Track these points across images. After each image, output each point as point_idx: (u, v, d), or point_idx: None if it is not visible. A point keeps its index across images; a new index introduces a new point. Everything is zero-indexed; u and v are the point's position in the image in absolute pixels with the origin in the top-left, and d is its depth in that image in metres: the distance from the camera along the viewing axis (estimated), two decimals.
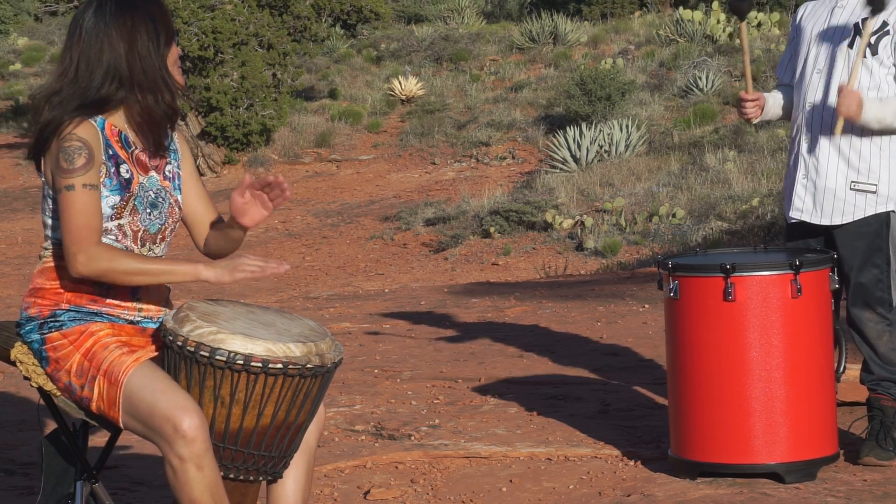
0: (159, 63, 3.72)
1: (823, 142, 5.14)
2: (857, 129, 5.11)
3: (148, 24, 3.72)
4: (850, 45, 5.11)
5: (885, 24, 5.08)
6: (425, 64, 28.15)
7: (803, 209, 5.20)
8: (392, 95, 25.96)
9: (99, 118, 3.71)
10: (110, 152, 3.70)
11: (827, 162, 5.14)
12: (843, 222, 5.14)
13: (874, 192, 5.10)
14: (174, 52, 3.78)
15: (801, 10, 5.38)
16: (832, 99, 5.12)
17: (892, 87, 5.11)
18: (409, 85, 25.93)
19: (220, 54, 22.91)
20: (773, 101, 5.36)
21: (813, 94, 5.18)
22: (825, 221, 5.16)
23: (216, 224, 3.90)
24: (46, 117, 3.67)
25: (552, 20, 28.63)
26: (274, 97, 23.56)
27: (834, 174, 5.13)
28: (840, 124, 5.04)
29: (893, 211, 5.14)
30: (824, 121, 5.14)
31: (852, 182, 5.12)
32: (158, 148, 3.77)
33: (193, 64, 23.18)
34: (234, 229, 3.82)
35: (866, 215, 5.11)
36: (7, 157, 25.28)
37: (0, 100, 29.27)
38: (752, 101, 5.26)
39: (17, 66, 31.49)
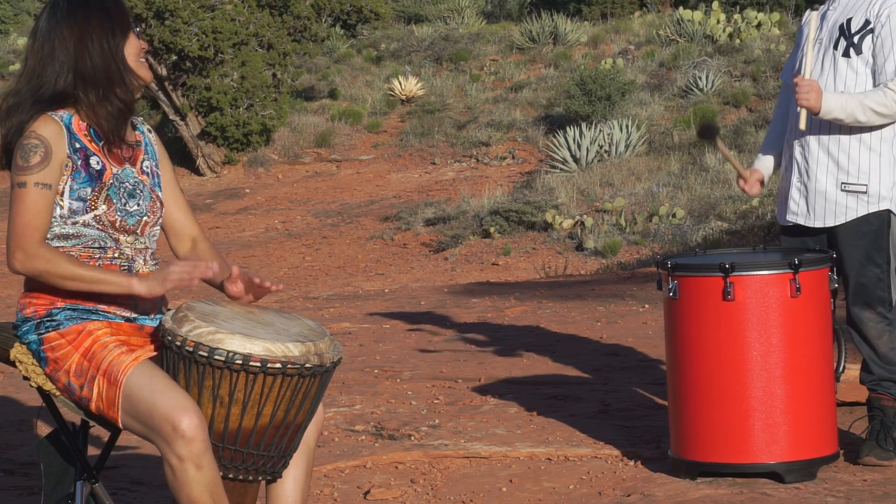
0: (113, 56, 3.72)
1: (813, 145, 5.16)
2: (846, 130, 5.12)
3: (101, 16, 3.73)
4: (836, 47, 5.12)
5: (867, 22, 5.09)
6: (425, 64, 28.15)
7: (798, 212, 5.23)
8: (392, 95, 25.97)
9: (65, 114, 3.72)
10: (77, 146, 3.70)
11: (816, 164, 5.16)
12: (836, 224, 5.15)
13: (864, 192, 5.11)
14: (133, 44, 3.78)
15: (805, 15, 5.39)
16: None
17: (874, 85, 5.11)
18: (409, 85, 25.93)
19: (220, 54, 22.91)
20: (768, 161, 5.45)
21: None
22: (818, 224, 5.18)
23: (215, 262, 3.89)
24: (7, 125, 3.69)
25: (552, 20, 28.64)
26: (274, 97, 23.56)
27: (824, 176, 5.14)
28: (803, 117, 5.07)
29: (892, 211, 5.14)
30: (813, 124, 5.15)
31: (842, 183, 5.13)
32: (114, 139, 3.75)
33: (193, 64, 23.18)
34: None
35: (858, 216, 5.12)
36: None
37: (0, 100, 29.24)
38: (747, 179, 5.39)
39: (17, 66, 31.48)
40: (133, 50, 3.77)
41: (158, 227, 3.85)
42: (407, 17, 34.85)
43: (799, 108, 5.08)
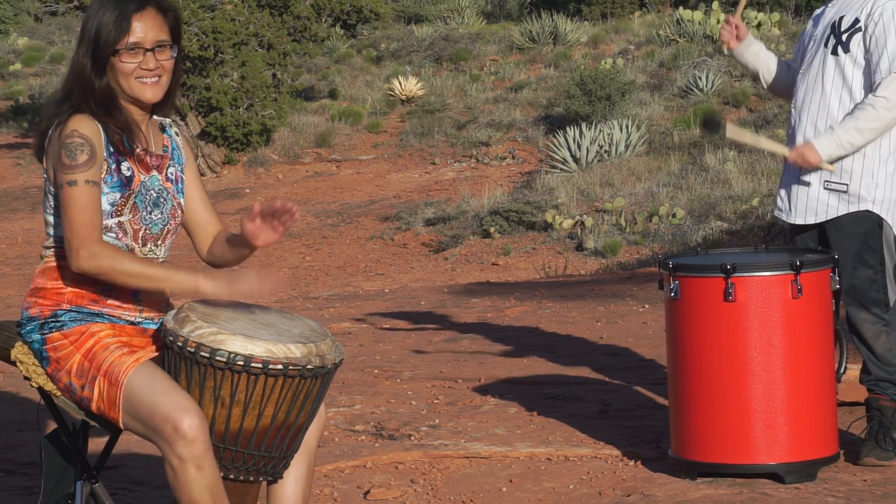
0: (98, 84, 3.69)
1: (801, 141, 5.19)
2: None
3: (93, 41, 3.70)
4: (826, 45, 5.15)
5: (856, 21, 5.11)
6: (425, 64, 28.15)
7: (783, 208, 5.30)
8: (392, 95, 25.96)
9: None
10: (111, 149, 3.70)
11: None
12: (817, 221, 5.18)
13: (845, 192, 5.12)
14: (127, 64, 3.70)
15: (818, 10, 5.42)
16: (807, 103, 5.18)
17: (862, 84, 5.11)
18: (409, 85, 25.93)
19: (220, 54, 22.91)
20: (760, 50, 5.43)
21: (795, 96, 5.25)
22: (799, 220, 5.23)
23: (225, 237, 3.90)
24: (46, 115, 3.70)
25: (552, 20, 28.64)
26: (274, 97, 23.56)
27: (808, 173, 5.17)
28: (826, 167, 5.12)
29: (873, 212, 5.14)
30: (801, 122, 5.19)
31: (825, 181, 5.16)
32: (124, 151, 3.74)
33: (193, 64, 23.18)
34: (244, 246, 3.83)
35: (839, 214, 5.14)
36: (7, 157, 25.29)
37: (0, 100, 29.28)
38: (733, 26, 5.32)
39: (17, 66, 31.48)
40: (126, 70, 3.72)
41: (176, 235, 3.86)
42: (407, 17, 34.85)
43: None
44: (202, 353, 3.52)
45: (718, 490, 4.87)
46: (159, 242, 3.79)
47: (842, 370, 5.17)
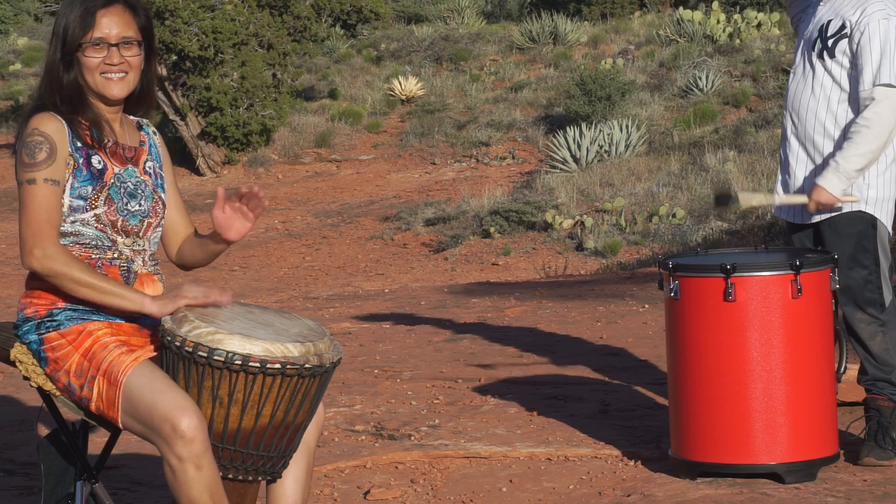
0: (65, 81, 3.70)
1: (794, 144, 5.25)
2: (822, 132, 5.15)
3: (59, 39, 3.71)
4: (813, 48, 5.18)
5: (843, 27, 5.11)
6: (425, 64, 28.14)
7: (781, 207, 5.29)
8: (392, 95, 25.96)
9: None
10: (78, 144, 3.70)
11: (797, 162, 5.22)
12: (811, 222, 5.22)
13: None
14: (91, 60, 3.71)
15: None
16: (797, 104, 5.21)
17: (850, 87, 5.12)
18: (409, 85, 25.92)
19: (220, 54, 22.90)
20: None
21: (787, 97, 5.31)
22: (798, 220, 5.29)
23: (196, 235, 3.90)
24: (23, 115, 3.73)
25: (552, 20, 28.63)
26: (274, 97, 23.55)
27: (802, 174, 5.22)
28: (849, 199, 5.12)
29: (866, 212, 5.15)
30: (794, 124, 5.24)
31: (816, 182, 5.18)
32: (96, 146, 3.74)
33: (193, 64, 23.18)
34: (216, 243, 3.84)
35: (833, 215, 5.16)
36: (7, 158, 25.28)
37: (0, 100, 29.28)
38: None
39: (17, 66, 31.48)
40: (91, 65, 3.73)
41: (160, 229, 3.85)
42: (407, 17, 34.84)
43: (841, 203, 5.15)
44: (200, 353, 3.52)
45: (718, 490, 4.87)
46: (142, 233, 3.77)
47: (842, 370, 5.17)
